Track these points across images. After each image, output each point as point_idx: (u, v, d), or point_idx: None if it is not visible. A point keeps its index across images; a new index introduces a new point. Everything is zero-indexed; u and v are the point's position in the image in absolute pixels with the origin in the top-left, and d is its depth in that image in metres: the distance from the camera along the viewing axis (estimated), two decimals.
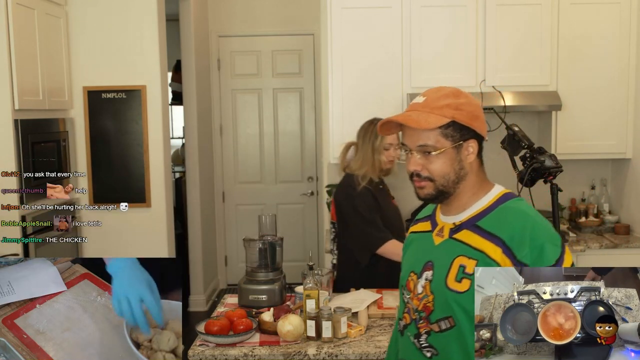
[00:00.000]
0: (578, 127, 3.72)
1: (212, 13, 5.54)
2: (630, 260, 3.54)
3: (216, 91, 5.61)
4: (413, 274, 1.54)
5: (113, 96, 3.96)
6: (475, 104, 1.49)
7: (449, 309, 1.44)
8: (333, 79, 3.72)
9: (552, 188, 2.48)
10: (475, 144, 1.48)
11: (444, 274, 1.46)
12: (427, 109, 1.45)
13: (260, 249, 2.53)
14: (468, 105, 1.46)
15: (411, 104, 1.50)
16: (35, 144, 3.47)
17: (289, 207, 5.70)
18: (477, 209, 1.49)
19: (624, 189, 3.94)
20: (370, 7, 3.68)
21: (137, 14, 3.97)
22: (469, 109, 1.46)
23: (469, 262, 1.43)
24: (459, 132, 1.45)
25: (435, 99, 1.46)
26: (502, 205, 1.49)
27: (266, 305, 2.44)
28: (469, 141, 1.47)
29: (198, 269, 5.20)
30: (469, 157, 1.48)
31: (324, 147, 4.26)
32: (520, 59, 3.69)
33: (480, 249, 1.43)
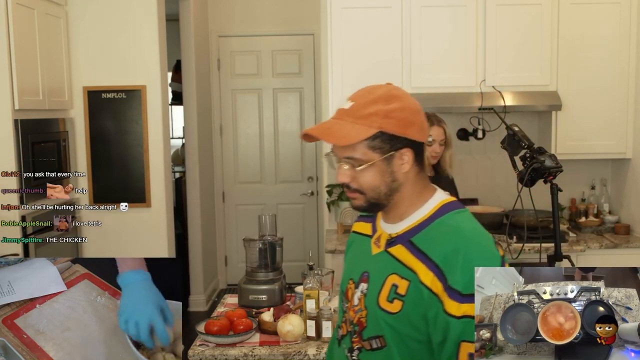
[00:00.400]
0: (578, 127, 3.72)
1: (212, 13, 5.54)
2: (630, 260, 3.54)
3: (216, 91, 5.61)
4: (352, 282, 1.45)
5: (113, 96, 3.96)
6: (411, 108, 1.33)
7: (380, 328, 1.33)
8: (333, 79, 3.72)
9: (552, 188, 2.48)
10: (410, 152, 1.33)
11: (377, 291, 1.35)
12: (352, 118, 1.31)
13: (260, 249, 2.53)
14: (400, 111, 1.31)
15: (337, 110, 1.36)
16: (35, 144, 3.47)
17: (289, 207, 5.70)
18: (414, 221, 1.36)
19: (624, 189, 3.94)
20: (370, 7, 3.68)
21: (137, 14, 3.97)
22: (400, 116, 1.31)
23: (401, 283, 1.31)
24: (389, 142, 1.31)
25: (363, 105, 1.32)
26: (438, 219, 1.34)
27: (266, 305, 2.44)
28: (402, 150, 1.32)
29: (198, 269, 5.20)
30: (403, 167, 1.33)
31: (324, 147, 4.26)
32: (520, 59, 3.69)
33: (413, 269, 1.30)
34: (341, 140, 1.30)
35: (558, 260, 2.43)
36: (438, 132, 2.82)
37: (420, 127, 1.35)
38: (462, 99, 3.61)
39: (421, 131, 1.35)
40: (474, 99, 3.60)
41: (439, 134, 2.82)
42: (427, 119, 2.86)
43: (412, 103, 1.35)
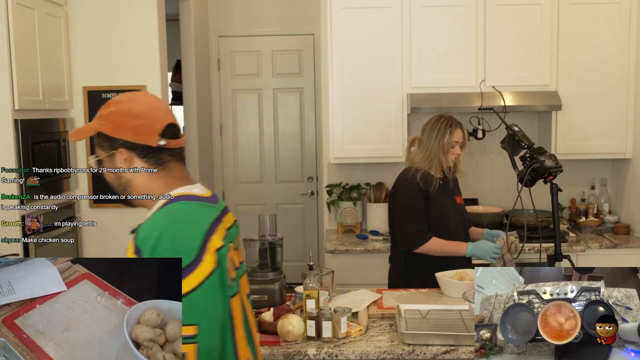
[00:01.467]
0: (578, 127, 3.72)
1: (212, 13, 5.54)
2: (630, 260, 3.54)
3: (216, 91, 5.61)
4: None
5: (113, 96, 3.94)
6: (127, 113, 1.49)
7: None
8: (333, 79, 3.72)
9: (552, 188, 2.48)
10: (127, 152, 1.48)
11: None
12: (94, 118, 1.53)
13: (260, 249, 2.53)
14: (114, 114, 1.48)
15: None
16: (35, 144, 3.47)
17: (289, 207, 5.70)
18: (150, 213, 1.52)
19: (624, 189, 3.94)
20: (370, 7, 3.68)
21: (137, 14, 3.97)
22: (113, 119, 1.48)
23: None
24: (107, 141, 1.49)
25: (101, 108, 1.53)
26: (161, 209, 1.48)
27: (266, 305, 2.44)
28: (120, 150, 1.48)
29: None
30: (125, 164, 1.49)
31: (324, 147, 4.26)
32: (520, 59, 3.69)
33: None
34: (71, 137, 1.54)
35: (558, 260, 2.43)
36: (460, 135, 2.81)
37: (133, 129, 1.47)
38: (462, 99, 3.61)
39: (137, 134, 1.48)
40: (474, 99, 3.60)
41: (460, 137, 2.81)
42: (448, 122, 2.85)
43: (132, 108, 1.50)
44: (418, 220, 2.78)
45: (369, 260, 3.50)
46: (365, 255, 3.53)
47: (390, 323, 2.38)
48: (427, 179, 2.80)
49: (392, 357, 2.11)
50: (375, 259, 3.44)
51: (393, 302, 2.53)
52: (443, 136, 2.78)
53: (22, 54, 3.31)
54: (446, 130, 2.78)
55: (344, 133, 3.73)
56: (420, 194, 2.79)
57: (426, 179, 2.80)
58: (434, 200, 2.80)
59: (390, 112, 3.71)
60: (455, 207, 2.91)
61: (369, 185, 4.03)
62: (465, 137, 2.85)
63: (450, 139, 2.78)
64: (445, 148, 2.79)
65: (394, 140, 3.71)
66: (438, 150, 2.79)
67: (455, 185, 2.99)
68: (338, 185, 4.04)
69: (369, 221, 3.90)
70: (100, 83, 3.96)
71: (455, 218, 2.88)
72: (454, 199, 2.93)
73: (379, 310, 2.47)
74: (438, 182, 2.83)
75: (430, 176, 2.81)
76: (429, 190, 2.80)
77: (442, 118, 2.82)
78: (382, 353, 2.12)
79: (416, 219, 2.78)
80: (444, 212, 2.84)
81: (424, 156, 2.83)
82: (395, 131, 3.71)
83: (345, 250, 3.58)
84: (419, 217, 2.78)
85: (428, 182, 2.80)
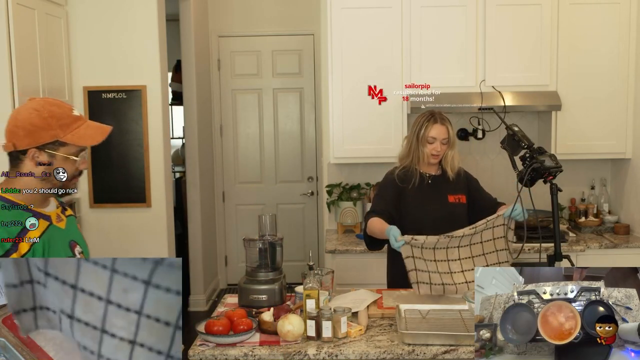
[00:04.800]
0: (578, 127, 3.72)
1: (212, 13, 5.54)
2: (630, 260, 3.53)
3: (216, 91, 5.61)
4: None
5: (113, 96, 3.95)
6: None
7: None
8: (333, 79, 3.72)
9: (552, 188, 2.48)
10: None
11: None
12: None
13: (260, 249, 2.53)
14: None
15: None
16: None
17: (289, 207, 5.70)
18: None
19: (624, 189, 3.94)
20: (370, 7, 3.68)
21: (137, 14, 3.97)
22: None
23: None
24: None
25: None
26: None
27: (266, 305, 2.44)
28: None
29: (198, 269, 5.20)
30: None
31: (324, 147, 4.26)
32: (520, 59, 3.69)
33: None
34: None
35: (558, 260, 2.42)
36: (439, 131, 2.77)
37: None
38: (462, 99, 3.61)
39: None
40: (474, 99, 3.60)
41: (440, 133, 2.77)
42: (428, 117, 2.81)
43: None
44: (377, 205, 2.84)
45: (369, 260, 3.50)
46: (365, 255, 3.53)
47: (390, 323, 2.38)
48: (406, 175, 2.83)
49: (392, 357, 2.11)
50: (375, 259, 3.44)
51: (393, 302, 2.53)
52: (419, 129, 2.80)
53: (22, 54, 3.31)
54: (423, 124, 2.78)
55: (344, 133, 3.74)
56: (393, 187, 2.84)
57: (405, 175, 2.83)
58: (410, 196, 2.82)
59: (390, 112, 3.71)
60: (442, 205, 2.84)
61: (369, 185, 4.03)
62: (450, 134, 2.79)
63: (425, 132, 2.78)
64: (422, 141, 2.79)
65: (394, 140, 3.70)
66: (417, 143, 2.81)
67: (456, 183, 2.90)
68: (338, 185, 4.05)
69: None
70: (100, 83, 3.96)
71: (437, 216, 2.80)
72: (444, 198, 2.85)
73: (379, 310, 2.47)
74: (419, 179, 2.82)
75: (411, 172, 2.83)
76: (406, 186, 2.82)
77: (426, 112, 2.84)
78: (382, 353, 2.12)
79: (376, 204, 2.85)
80: (420, 209, 2.82)
81: (404, 150, 2.89)
82: (395, 131, 3.71)
83: (345, 250, 3.58)
84: (379, 204, 2.83)
85: (407, 178, 2.83)
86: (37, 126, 1.74)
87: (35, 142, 1.75)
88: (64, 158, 1.79)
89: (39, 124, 1.74)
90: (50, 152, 1.76)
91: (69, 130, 1.78)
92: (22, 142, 1.75)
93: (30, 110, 1.76)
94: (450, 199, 2.87)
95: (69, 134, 1.78)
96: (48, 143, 1.76)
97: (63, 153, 1.79)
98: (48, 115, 1.76)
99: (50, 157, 1.77)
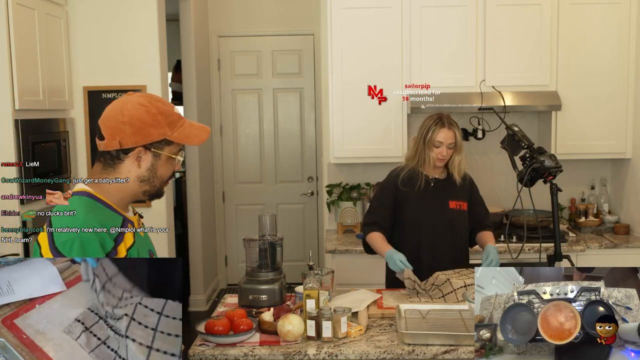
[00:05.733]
0: (578, 127, 3.72)
1: (212, 13, 5.54)
2: (630, 260, 3.53)
3: (216, 91, 5.61)
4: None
5: (113, 96, 3.95)
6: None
7: None
8: (333, 79, 3.72)
9: (552, 188, 2.48)
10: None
11: None
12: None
13: (260, 249, 2.53)
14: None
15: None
16: (36, 144, 3.47)
17: (289, 207, 5.70)
18: None
19: (624, 189, 3.94)
20: (370, 7, 3.68)
21: (137, 14, 3.97)
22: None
23: None
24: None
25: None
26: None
27: (266, 305, 2.44)
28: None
29: (198, 269, 5.20)
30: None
31: (324, 147, 4.26)
32: (520, 59, 3.69)
33: None
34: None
35: (558, 260, 2.42)
36: (446, 135, 2.73)
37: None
38: (462, 99, 3.61)
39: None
40: (474, 99, 3.60)
41: (447, 137, 2.73)
42: (436, 120, 2.80)
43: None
44: (377, 213, 2.85)
45: (369, 260, 3.50)
46: (365, 255, 3.51)
47: (390, 323, 2.38)
48: (411, 178, 2.80)
49: (392, 357, 2.11)
50: (375, 259, 3.43)
51: (393, 302, 2.53)
52: (427, 132, 2.77)
53: (22, 54, 3.31)
54: (431, 127, 2.76)
55: (344, 133, 3.73)
56: (393, 191, 2.83)
57: (410, 179, 2.80)
58: (412, 200, 2.80)
59: (390, 112, 3.71)
60: (443, 211, 2.81)
61: (369, 185, 4.03)
62: (457, 139, 2.76)
63: (432, 136, 2.74)
64: (428, 145, 2.77)
65: (394, 140, 3.71)
66: (424, 146, 2.78)
67: (459, 189, 2.86)
68: (338, 185, 4.05)
69: None
70: (100, 83, 3.96)
71: (436, 222, 2.79)
72: (445, 204, 2.82)
73: (379, 310, 2.47)
74: (424, 182, 2.79)
75: (416, 175, 2.80)
76: (409, 191, 2.79)
77: (434, 115, 2.80)
78: (382, 353, 2.12)
79: (376, 211, 2.86)
80: (421, 213, 2.80)
81: (411, 152, 2.87)
82: (395, 131, 3.71)
83: (345, 250, 3.58)
84: (378, 211, 2.85)
85: (411, 181, 2.80)
86: (147, 123, 1.60)
87: (143, 139, 1.60)
88: (168, 158, 1.65)
89: (148, 121, 1.60)
90: (156, 151, 1.62)
91: (175, 129, 1.64)
92: (129, 140, 1.59)
93: (137, 106, 1.61)
94: (451, 204, 2.84)
95: (175, 132, 1.63)
96: (155, 142, 1.62)
97: (168, 152, 1.64)
98: (157, 112, 1.61)
99: (155, 157, 1.63)
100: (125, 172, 1.62)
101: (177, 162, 1.67)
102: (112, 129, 1.61)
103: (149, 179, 1.64)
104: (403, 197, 2.81)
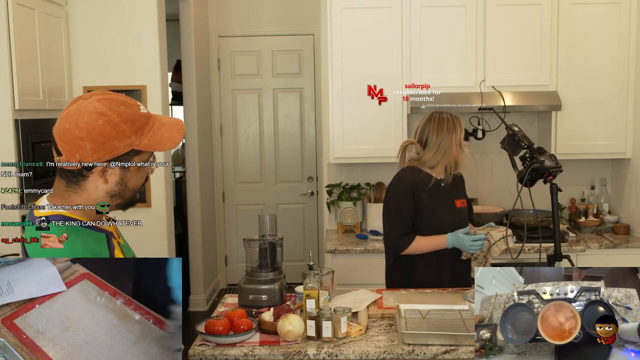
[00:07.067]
0: (578, 127, 3.72)
1: (212, 13, 5.54)
2: (630, 260, 3.54)
3: (216, 91, 5.61)
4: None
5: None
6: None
7: None
8: (333, 79, 3.72)
9: (552, 188, 2.48)
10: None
11: None
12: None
13: (260, 249, 2.53)
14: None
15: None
16: (36, 144, 3.47)
17: (289, 207, 5.70)
18: None
19: (624, 189, 3.94)
20: (370, 7, 3.68)
21: (137, 14, 3.97)
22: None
23: None
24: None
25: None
26: None
27: (266, 305, 2.44)
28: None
29: (198, 269, 5.20)
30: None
31: (324, 147, 4.26)
32: (520, 59, 3.69)
33: None
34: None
35: (558, 260, 2.42)
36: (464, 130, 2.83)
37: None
38: (462, 99, 3.61)
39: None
40: (474, 99, 3.60)
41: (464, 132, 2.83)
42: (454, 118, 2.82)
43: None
44: (402, 224, 2.74)
45: (369, 260, 3.50)
46: (365, 255, 3.53)
47: (390, 323, 2.38)
48: (423, 181, 2.76)
49: (392, 357, 2.11)
50: (375, 259, 3.44)
51: (393, 302, 2.53)
52: (455, 132, 2.74)
53: (22, 54, 3.31)
54: (456, 126, 2.75)
55: (344, 133, 3.74)
56: (410, 196, 2.74)
57: (422, 182, 2.75)
58: (427, 206, 2.75)
59: (390, 112, 3.71)
60: (454, 211, 2.82)
61: (369, 185, 4.03)
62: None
63: (462, 134, 2.76)
64: (460, 143, 2.76)
65: (394, 140, 3.70)
66: (451, 146, 2.73)
67: (458, 187, 2.89)
68: (338, 185, 4.05)
69: (369, 221, 3.90)
70: (100, 83, 3.96)
71: (452, 224, 2.78)
72: (453, 203, 2.83)
73: (379, 310, 2.47)
74: (434, 183, 2.77)
75: (424, 177, 2.76)
76: (422, 193, 2.75)
77: (443, 114, 2.78)
78: (382, 353, 2.12)
79: (400, 222, 2.74)
80: (438, 219, 2.77)
81: (435, 154, 2.75)
82: (395, 131, 3.71)
83: (345, 250, 3.58)
84: (403, 221, 2.74)
85: (423, 184, 2.76)
86: (109, 136, 1.39)
87: (108, 155, 1.41)
88: (137, 168, 1.47)
89: (111, 133, 1.40)
90: (123, 163, 1.44)
91: (144, 135, 1.44)
92: (91, 157, 1.40)
93: (95, 116, 1.39)
94: (457, 203, 2.85)
95: (145, 138, 1.44)
96: (122, 154, 1.43)
97: (137, 161, 1.46)
98: (119, 120, 1.40)
99: (123, 169, 1.45)
100: (91, 188, 1.46)
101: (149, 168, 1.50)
102: (69, 145, 1.41)
103: (119, 192, 1.49)
104: (419, 201, 2.75)
